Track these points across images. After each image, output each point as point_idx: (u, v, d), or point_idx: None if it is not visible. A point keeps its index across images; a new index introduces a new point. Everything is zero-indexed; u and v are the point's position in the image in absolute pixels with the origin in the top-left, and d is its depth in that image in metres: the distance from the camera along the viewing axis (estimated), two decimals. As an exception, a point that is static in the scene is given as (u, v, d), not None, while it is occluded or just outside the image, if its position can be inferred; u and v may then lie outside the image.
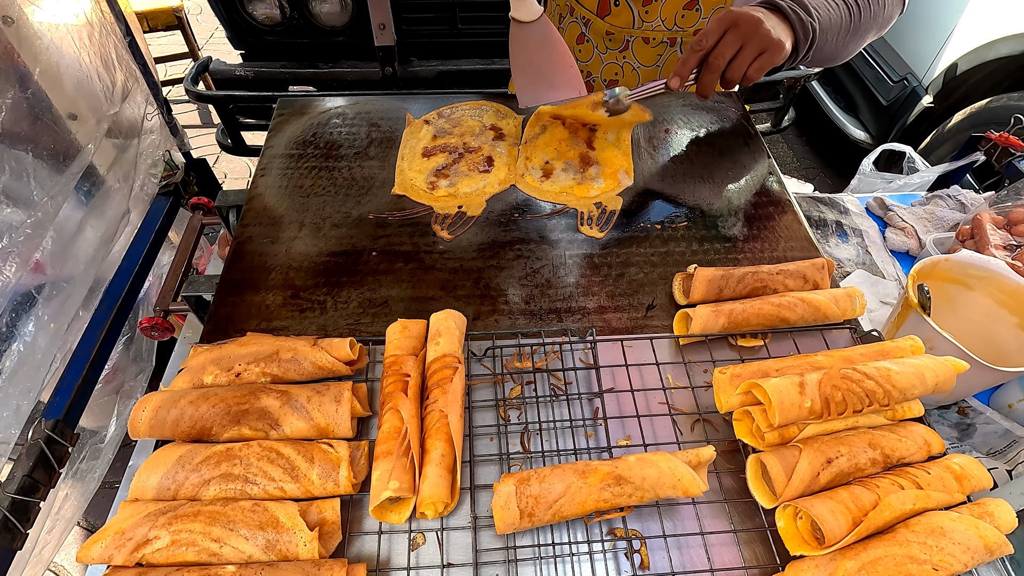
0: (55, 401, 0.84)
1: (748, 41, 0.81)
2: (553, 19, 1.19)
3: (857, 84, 2.74)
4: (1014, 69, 2.18)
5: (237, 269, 0.82)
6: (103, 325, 0.96)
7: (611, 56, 1.13)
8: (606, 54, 1.14)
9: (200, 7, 4.27)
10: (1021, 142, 1.29)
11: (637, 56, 1.12)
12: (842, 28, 0.90)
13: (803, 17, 0.84)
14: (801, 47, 0.86)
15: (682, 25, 1.06)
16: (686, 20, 1.05)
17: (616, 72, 1.16)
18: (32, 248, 0.73)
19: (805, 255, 0.86)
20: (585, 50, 1.16)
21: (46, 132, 0.78)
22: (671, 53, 1.10)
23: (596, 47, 1.14)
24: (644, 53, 1.11)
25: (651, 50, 1.10)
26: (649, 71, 1.14)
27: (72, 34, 0.86)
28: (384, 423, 0.60)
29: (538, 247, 0.86)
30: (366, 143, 1.01)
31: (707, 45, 0.83)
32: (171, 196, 1.17)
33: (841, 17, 0.89)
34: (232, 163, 3.12)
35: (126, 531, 0.53)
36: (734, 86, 0.86)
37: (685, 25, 1.06)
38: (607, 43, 1.12)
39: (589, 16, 1.10)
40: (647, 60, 1.12)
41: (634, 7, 1.05)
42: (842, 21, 0.89)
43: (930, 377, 0.61)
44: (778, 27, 0.83)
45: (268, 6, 2.15)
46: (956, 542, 0.52)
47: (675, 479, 0.56)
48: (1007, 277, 0.91)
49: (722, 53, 0.82)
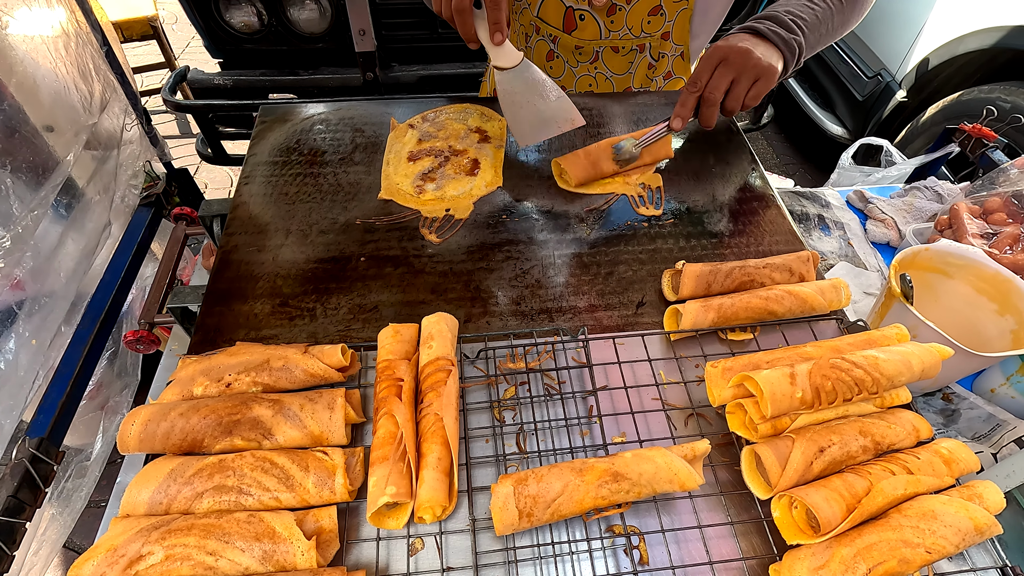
0: (39, 419, 0.82)
1: (741, 73, 0.85)
2: (519, 39, 1.19)
3: (833, 80, 2.79)
4: (983, 63, 2.24)
5: (224, 279, 0.81)
6: (86, 340, 0.94)
7: (583, 69, 1.15)
8: (577, 67, 1.15)
9: (175, 16, 4.22)
10: (994, 133, 1.32)
11: (608, 65, 1.13)
12: (831, 17, 0.92)
13: (785, 37, 0.86)
14: (791, 64, 0.88)
15: (649, 31, 1.07)
16: (652, 25, 1.07)
17: (590, 83, 1.17)
18: (12, 264, 0.71)
19: (790, 248, 0.88)
20: (556, 66, 1.17)
21: (23, 146, 0.76)
22: (641, 59, 1.12)
23: (567, 62, 1.15)
24: (615, 62, 1.13)
25: (621, 58, 1.12)
26: (622, 79, 1.15)
27: (48, 45, 0.85)
28: (379, 428, 0.60)
29: (527, 248, 0.86)
30: (351, 149, 1.01)
31: (702, 84, 0.87)
32: (153, 207, 1.16)
33: (826, 7, 0.91)
34: (213, 173, 3.08)
35: (118, 547, 0.52)
36: (735, 113, 0.90)
37: (652, 30, 1.07)
38: (577, 57, 1.13)
39: (556, 33, 1.11)
40: (619, 68, 1.14)
41: (599, 19, 1.06)
42: (830, 10, 0.91)
43: (916, 364, 0.62)
44: (768, 52, 0.86)
45: (246, 14, 2.14)
46: (947, 524, 0.53)
47: (671, 473, 0.56)
48: (985, 265, 0.93)
49: (717, 87, 0.86)
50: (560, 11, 1.07)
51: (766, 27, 0.87)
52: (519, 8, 1.13)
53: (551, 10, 1.08)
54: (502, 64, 0.88)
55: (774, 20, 0.89)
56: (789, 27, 0.87)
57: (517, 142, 0.97)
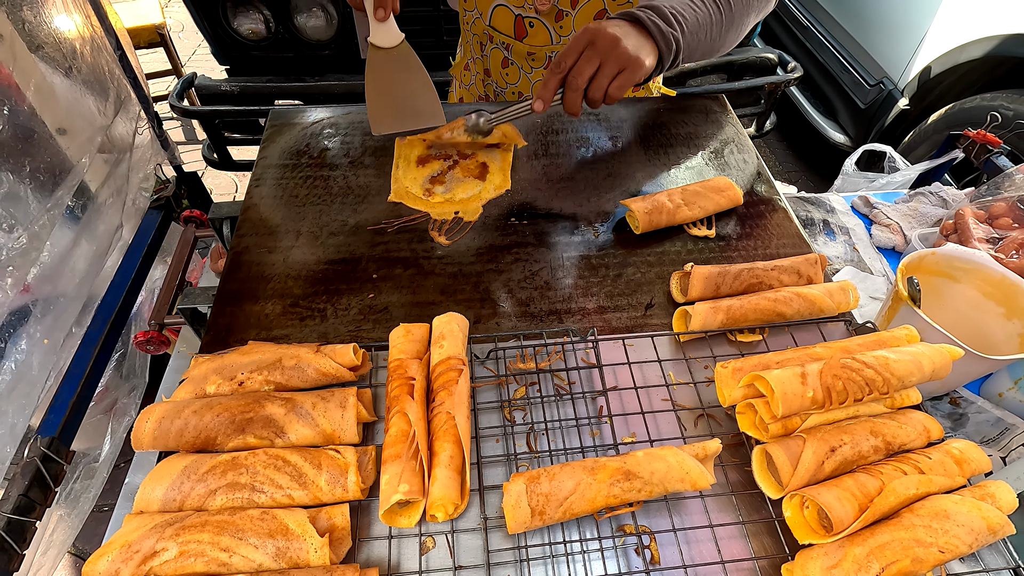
0: (50, 418, 0.82)
1: (606, 60, 0.81)
2: (475, 48, 1.21)
3: (835, 88, 2.81)
4: (985, 71, 2.25)
5: (235, 279, 0.81)
6: (97, 341, 0.94)
7: (537, 75, 1.17)
8: (532, 73, 1.17)
9: (182, 24, 4.27)
10: (998, 139, 1.33)
11: None
12: (712, 25, 0.89)
13: (664, 29, 0.83)
14: (666, 59, 0.85)
15: None
16: None
17: None
18: (27, 265, 0.72)
19: (797, 251, 0.88)
20: (512, 72, 1.19)
21: (41, 149, 0.77)
22: None
23: (521, 68, 1.17)
24: None
25: None
26: None
27: (64, 50, 0.86)
28: (391, 427, 0.60)
29: (536, 250, 0.87)
30: (360, 152, 1.02)
31: (566, 66, 0.83)
32: (163, 210, 1.17)
33: (710, 15, 0.88)
34: (218, 178, 3.10)
35: (132, 543, 0.52)
36: (598, 105, 0.86)
37: None
38: (530, 63, 1.15)
39: (508, 40, 1.12)
40: None
41: (549, 25, 1.07)
42: (711, 19, 0.88)
43: (927, 364, 0.62)
44: (639, 43, 0.82)
45: (253, 21, 2.16)
46: (960, 524, 0.53)
47: (683, 472, 0.56)
48: (992, 268, 0.94)
49: (581, 72, 0.82)
50: (510, 19, 1.09)
51: (646, 16, 0.83)
52: (471, 19, 1.15)
53: (501, 19, 1.10)
54: (380, 42, 0.84)
55: (655, 11, 0.84)
56: (668, 20, 0.83)
57: (372, 128, 0.92)
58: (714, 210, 0.91)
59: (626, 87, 0.84)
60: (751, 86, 2.12)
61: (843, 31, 2.78)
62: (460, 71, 1.32)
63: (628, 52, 0.81)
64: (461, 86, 1.35)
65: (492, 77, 1.23)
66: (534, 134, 1.07)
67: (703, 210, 0.90)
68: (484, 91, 1.28)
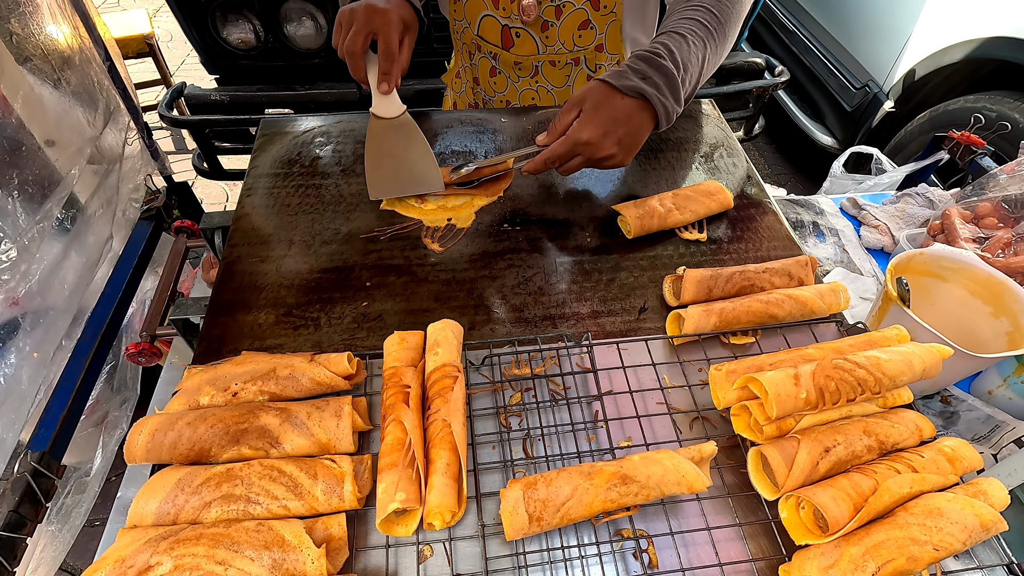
0: (40, 433, 0.81)
1: (587, 161, 0.84)
2: (463, 57, 1.23)
3: (822, 92, 2.84)
4: (968, 73, 2.29)
5: (227, 289, 0.81)
6: (87, 354, 0.93)
7: (524, 83, 1.19)
8: (519, 82, 1.19)
9: (171, 34, 4.26)
10: (982, 140, 1.35)
11: (548, 79, 1.17)
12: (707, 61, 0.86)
13: (670, 110, 0.82)
14: (662, 126, 0.85)
15: (581, 44, 1.11)
16: (584, 39, 1.10)
17: (532, 97, 1.22)
18: (17, 278, 0.71)
19: (788, 253, 0.89)
20: (499, 81, 1.21)
21: (29, 161, 0.76)
22: (578, 71, 1.16)
23: (508, 77, 1.19)
24: (553, 75, 1.17)
25: (559, 72, 1.16)
26: (562, 91, 1.19)
27: (53, 61, 0.85)
28: (387, 435, 0.60)
29: (529, 256, 0.87)
30: (352, 160, 1.02)
31: (555, 158, 0.84)
32: (153, 220, 1.16)
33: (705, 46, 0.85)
34: (208, 188, 3.08)
35: (126, 558, 0.51)
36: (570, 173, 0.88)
37: (584, 44, 1.11)
38: (517, 72, 1.17)
39: (495, 50, 1.14)
40: (557, 81, 1.18)
41: (535, 35, 1.09)
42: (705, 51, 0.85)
43: (917, 363, 0.63)
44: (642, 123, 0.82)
45: (242, 31, 2.16)
46: (954, 522, 0.53)
47: (680, 475, 0.57)
48: (979, 268, 0.95)
49: (570, 168, 0.85)
50: (497, 29, 1.11)
51: (655, 94, 0.80)
52: (460, 28, 1.17)
53: (489, 29, 1.12)
54: (381, 113, 0.90)
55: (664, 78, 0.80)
56: (676, 91, 0.82)
57: (368, 192, 0.93)
58: (705, 214, 0.92)
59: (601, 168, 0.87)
60: (740, 90, 2.14)
61: (828, 35, 2.82)
62: (452, 78, 1.33)
63: (603, 164, 0.84)
64: (453, 93, 1.36)
65: (481, 85, 1.24)
66: (525, 141, 1.07)
67: (694, 214, 0.91)
68: (474, 99, 1.29)
